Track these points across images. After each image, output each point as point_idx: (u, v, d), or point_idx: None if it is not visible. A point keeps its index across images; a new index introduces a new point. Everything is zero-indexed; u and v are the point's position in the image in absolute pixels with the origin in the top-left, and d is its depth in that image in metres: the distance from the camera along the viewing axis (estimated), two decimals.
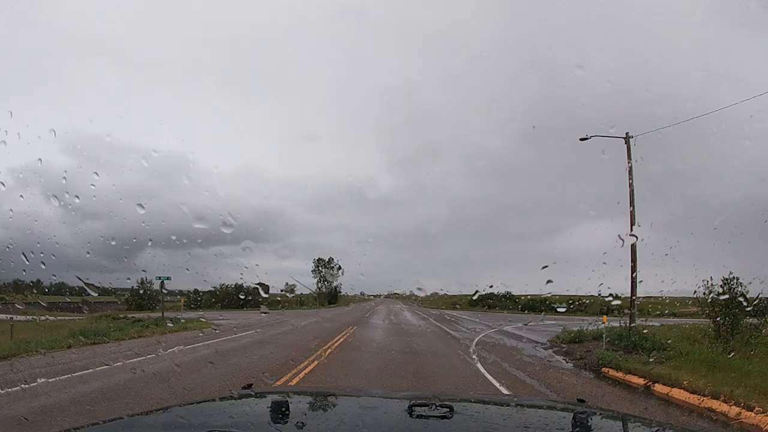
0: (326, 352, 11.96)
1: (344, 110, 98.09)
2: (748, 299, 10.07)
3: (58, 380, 8.14)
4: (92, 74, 78.73)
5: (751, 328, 10.40)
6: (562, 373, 10.44)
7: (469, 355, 12.32)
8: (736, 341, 10.35)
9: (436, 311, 39.12)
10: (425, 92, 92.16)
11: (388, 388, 6.56)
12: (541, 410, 2.04)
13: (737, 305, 10.32)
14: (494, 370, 10.24)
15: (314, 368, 9.52)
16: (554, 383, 9.12)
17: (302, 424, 1.42)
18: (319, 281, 62.19)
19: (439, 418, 1.49)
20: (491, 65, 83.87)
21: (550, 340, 16.17)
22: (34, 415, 5.68)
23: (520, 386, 8.67)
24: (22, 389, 7.11)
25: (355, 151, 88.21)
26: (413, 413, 1.50)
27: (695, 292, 10.86)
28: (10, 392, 6.82)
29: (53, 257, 5.01)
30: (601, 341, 12.89)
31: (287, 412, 1.52)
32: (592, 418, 1.56)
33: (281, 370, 9.18)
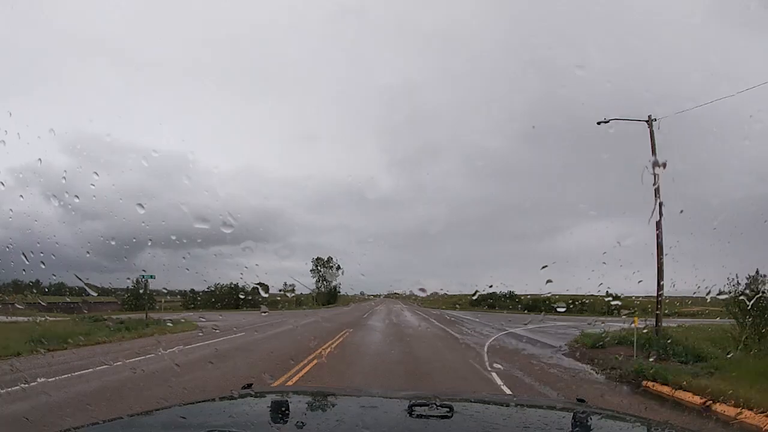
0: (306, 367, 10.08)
1: (344, 110, 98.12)
2: None
3: None
4: (92, 74, 78.63)
5: None
6: (596, 388, 9.11)
7: (484, 366, 10.86)
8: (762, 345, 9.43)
9: (436, 311, 39.02)
10: (425, 92, 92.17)
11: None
12: (541, 410, 2.04)
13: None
14: (513, 383, 9.03)
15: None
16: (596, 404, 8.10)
17: (302, 423, 1.42)
18: (318, 281, 62.22)
19: (439, 417, 1.49)
20: (491, 65, 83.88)
21: (568, 344, 15.11)
22: None
23: None
24: None
25: (355, 151, 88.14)
26: (413, 413, 1.50)
27: (694, 292, 10.62)
28: None
29: (53, 257, 4.99)
30: (628, 346, 11.47)
31: (287, 411, 1.52)
32: (592, 417, 1.56)
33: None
